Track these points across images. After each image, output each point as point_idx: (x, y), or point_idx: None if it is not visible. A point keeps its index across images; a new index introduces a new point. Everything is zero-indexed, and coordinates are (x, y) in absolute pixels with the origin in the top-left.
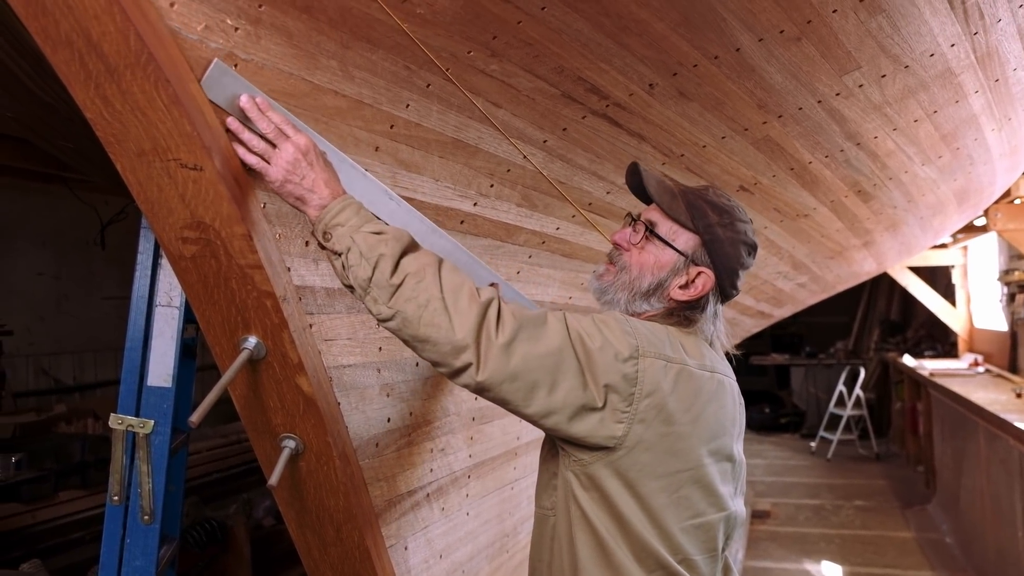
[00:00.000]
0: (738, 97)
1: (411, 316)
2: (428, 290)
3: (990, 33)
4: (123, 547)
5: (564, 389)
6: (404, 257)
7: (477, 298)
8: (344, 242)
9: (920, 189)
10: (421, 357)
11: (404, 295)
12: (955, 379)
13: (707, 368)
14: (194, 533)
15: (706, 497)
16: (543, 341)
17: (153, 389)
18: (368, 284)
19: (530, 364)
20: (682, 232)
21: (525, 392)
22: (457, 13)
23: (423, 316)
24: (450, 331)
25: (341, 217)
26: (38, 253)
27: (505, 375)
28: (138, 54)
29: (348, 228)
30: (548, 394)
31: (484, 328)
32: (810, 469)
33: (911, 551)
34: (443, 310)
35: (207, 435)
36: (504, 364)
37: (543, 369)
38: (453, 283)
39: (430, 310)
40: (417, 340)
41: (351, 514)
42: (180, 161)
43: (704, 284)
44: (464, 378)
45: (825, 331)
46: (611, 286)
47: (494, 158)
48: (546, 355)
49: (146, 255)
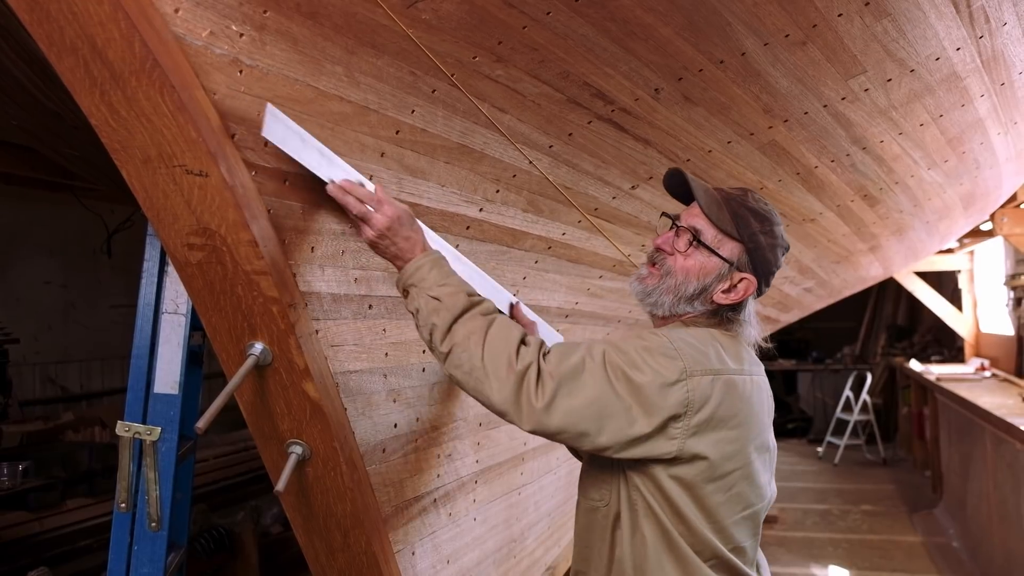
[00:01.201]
0: (743, 101)
1: (460, 380)
2: (471, 360)
3: (996, 37)
4: (131, 554)
5: (611, 430)
6: (455, 323)
7: (514, 365)
8: (414, 303)
9: (926, 193)
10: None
11: (452, 362)
12: (962, 384)
13: (747, 372)
14: (202, 540)
15: (754, 490)
16: (582, 393)
17: (160, 396)
18: (429, 345)
19: (572, 418)
20: (727, 241)
21: (574, 439)
22: (462, 19)
23: (468, 382)
24: (489, 398)
25: (415, 277)
26: (45, 262)
27: (550, 431)
28: (143, 60)
29: (419, 289)
30: (595, 437)
31: (523, 393)
32: (817, 474)
33: (918, 555)
34: (484, 378)
35: (214, 443)
36: (546, 423)
37: (586, 419)
38: (494, 350)
39: (473, 378)
40: (474, 395)
41: (358, 520)
42: (186, 167)
43: (746, 289)
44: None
45: (832, 336)
46: (655, 289)
47: (500, 163)
48: (587, 406)
49: (152, 262)
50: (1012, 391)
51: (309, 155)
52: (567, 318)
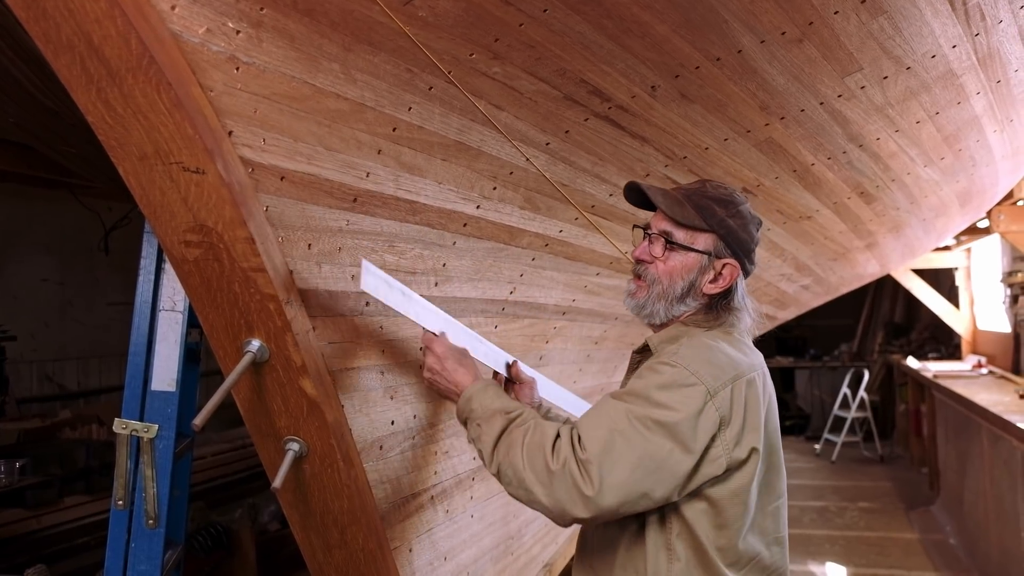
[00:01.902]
0: (740, 99)
1: (516, 496)
2: (516, 474)
3: (991, 34)
4: (128, 552)
5: (665, 481)
6: (498, 444)
7: (551, 466)
8: (471, 434)
9: (923, 191)
10: None
11: (504, 480)
12: (959, 381)
13: (757, 368)
14: (199, 538)
15: (780, 480)
16: (624, 461)
17: (157, 393)
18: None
19: (625, 490)
20: (699, 234)
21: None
22: (459, 16)
23: (522, 495)
24: (543, 504)
25: (467, 409)
26: (42, 259)
27: (613, 510)
28: (140, 57)
29: (471, 420)
30: (654, 494)
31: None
32: (815, 471)
33: (915, 552)
34: (531, 488)
35: (212, 440)
36: (604, 505)
37: (639, 483)
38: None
39: (523, 489)
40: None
41: (355, 517)
42: (182, 164)
43: (731, 273)
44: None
45: (829, 334)
46: (647, 301)
47: (497, 161)
48: (633, 471)
49: (149, 260)
50: (1009, 388)
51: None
52: (564, 315)
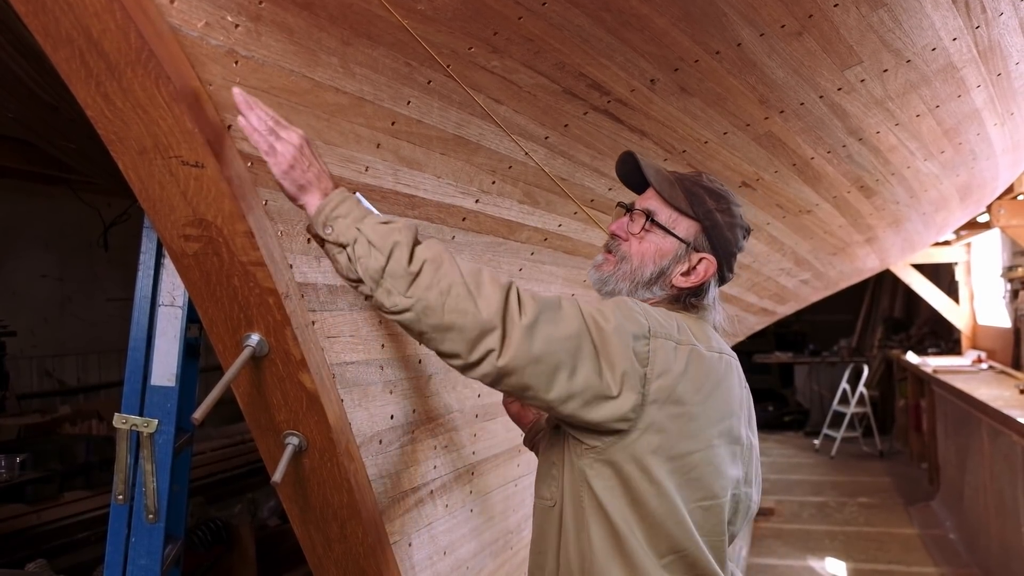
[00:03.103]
0: (740, 92)
1: (433, 303)
2: (449, 276)
3: (992, 27)
4: (128, 546)
5: (583, 373)
6: (418, 246)
7: (498, 280)
8: (350, 233)
9: (923, 184)
10: (438, 348)
11: (423, 283)
12: (958, 376)
13: (715, 350)
14: (199, 533)
15: (717, 480)
16: (563, 324)
17: (157, 388)
18: (381, 274)
19: (552, 347)
20: (682, 220)
21: (548, 375)
22: (458, 9)
23: (447, 302)
24: (476, 314)
25: (342, 208)
26: (41, 255)
27: (529, 358)
28: (139, 51)
29: (351, 219)
30: (569, 377)
31: (508, 309)
32: (814, 467)
33: (915, 547)
34: (467, 295)
35: (211, 436)
36: (528, 346)
37: (564, 352)
38: (471, 268)
39: (453, 295)
40: (438, 329)
41: (355, 511)
42: (181, 158)
43: (706, 270)
44: (483, 367)
45: (828, 329)
46: (611, 276)
47: (496, 155)
48: (566, 338)
49: (149, 255)
50: (1009, 383)
51: None
52: None
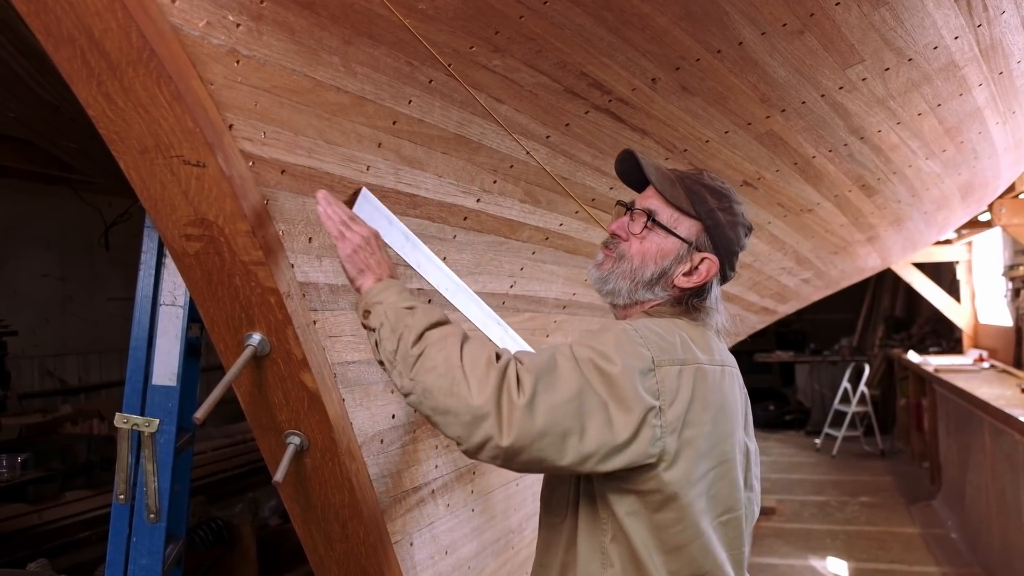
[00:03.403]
0: (741, 91)
1: (431, 386)
2: (448, 359)
3: (994, 25)
4: (129, 546)
5: (593, 431)
6: (430, 329)
7: (495, 363)
8: (379, 318)
9: (924, 183)
10: (444, 433)
11: (425, 365)
12: (960, 375)
13: (717, 362)
14: (200, 532)
15: (733, 493)
16: (562, 387)
17: (158, 388)
18: (394, 357)
19: (555, 415)
20: (684, 219)
21: (558, 445)
22: (459, 8)
23: (442, 385)
24: (468, 398)
25: (382, 296)
26: (42, 255)
27: (534, 434)
28: (140, 51)
29: (385, 306)
30: (580, 440)
31: (505, 391)
32: (815, 466)
33: (916, 547)
34: (462, 378)
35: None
36: (530, 423)
37: (569, 416)
38: (473, 351)
39: (448, 379)
40: (438, 412)
41: (357, 510)
42: (183, 158)
43: (708, 270)
44: (487, 452)
45: (829, 328)
46: (611, 275)
47: (497, 154)
48: (568, 401)
49: (150, 254)
50: (1010, 382)
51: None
52: (564, 309)
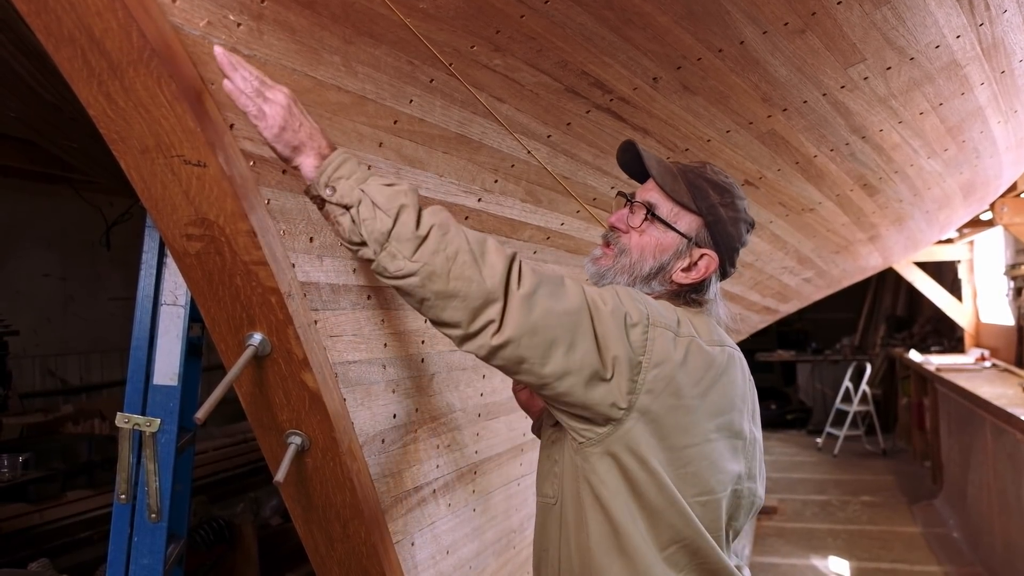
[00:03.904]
0: (742, 90)
1: (439, 269)
2: (455, 241)
3: (996, 24)
4: (131, 545)
5: (581, 350)
6: (424, 209)
7: (503, 250)
8: (353, 194)
9: (926, 182)
10: (438, 317)
11: (430, 247)
12: (961, 374)
13: (717, 343)
14: (201, 532)
15: (714, 475)
16: (563, 299)
17: (159, 388)
18: (387, 237)
19: (550, 319)
20: (684, 214)
21: (544, 349)
22: (460, 8)
23: (452, 268)
24: (481, 282)
25: (344, 168)
26: (43, 254)
27: (526, 328)
28: (141, 51)
29: (354, 180)
30: (566, 353)
31: (512, 279)
32: (816, 465)
33: (918, 546)
34: (473, 262)
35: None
36: (526, 316)
37: (562, 326)
38: (476, 236)
39: (459, 262)
40: (441, 296)
41: (358, 510)
42: (184, 158)
43: (708, 266)
44: (481, 338)
45: (831, 327)
46: (609, 270)
47: (498, 153)
48: (565, 312)
49: (151, 254)
50: (1012, 381)
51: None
52: None
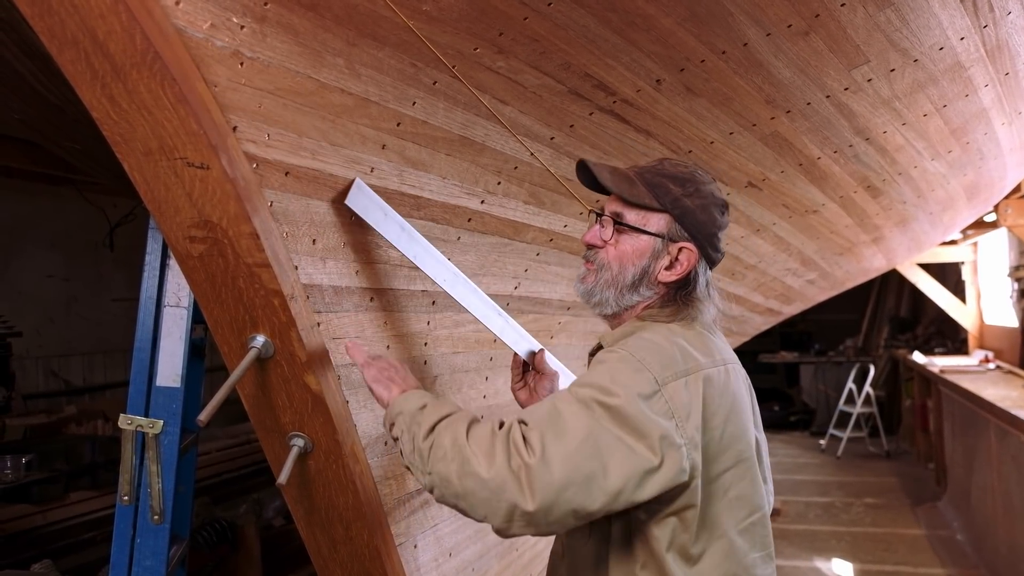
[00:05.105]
0: (746, 92)
1: (444, 473)
2: (455, 443)
3: (1000, 26)
4: (133, 547)
5: (616, 466)
6: (440, 422)
7: (498, 432)
8: (400, 426)
9: (929, 184)
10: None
11: (436, 455)
12: (965, 376)
13: (719, 362)
14: (204, 533)
15: (756, 490)
16: (571, 433)
17: (162, 389)
18: (412, 457)
19: (573, 462)
20: (651, 215)
21: (584, 490)
22: (463, 10)
23: (453, 469)
24: (480, 473)
25: (402, 405)
26: (47, 255)
27: (557, 487)
28: (144, 53)
29: (404, 413)
30: (604, 478)
31: (515, 456)
32: (820, 467)
33: (922, 548)
34: (470, 456)
35: (216, 436)
36: (550, 478)
37: (587, 459)
38: (477, 428)
39: (458, 461)
40: (460, 498)
41: (360, 512)
42: (187, 160)
43: (689, 258)
44: (518, 521)
45: (834, 328)
46: (595, 287)
47: (501, 155)
48: (582, 444)
49: (154, 256)
50: (1016, 383)
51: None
52: (569, 310)
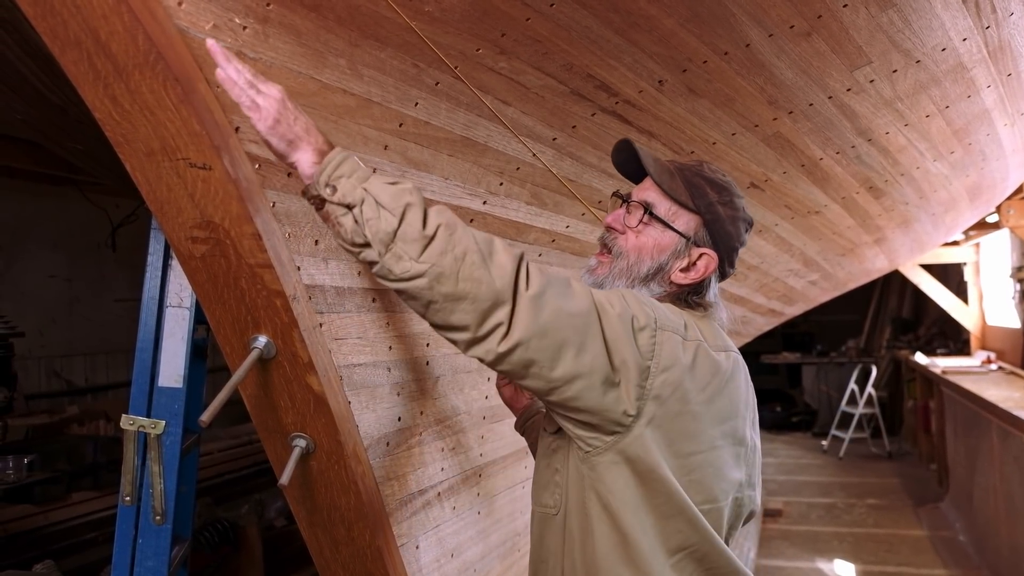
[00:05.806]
0: (748, 93)
1: (447, 270)
2: (463, 241)
3: (1002, 27)
4: (135, 548)
5: (591, 353)
6: (429, 208)
7: (511, 249)
8: (356, 193)
9: (932, 185)
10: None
11: (437, 247)
12: (967, 376)
13: (723, 348)
14: (206, 534)
15: (718, 483)
16: (572, 299)
17: (164, 390)
18: (392, 237)
19: (560, 321)
20: (682, 212)
21: (553, 351)
22: (466, 11)
23: (461, 269)
24: (491, 283)
25: (345, 167)
26: (49, 256)
27: (535, 330)
28: (146, 54)
29: (356, 178)
30: (576, 355)
31: (521, 280)
32: (822, 468)
33: (924, 549)
34: (481, 262)
35: (218, 436)
36: (535, 318)
37: (572, 328)
38: (484, 235)
39: (468, 262)
40: (450, 298)
41: (362, 513)
42: (189, 160)
43: (707, 266)
44: (489, 342)
45: (836, 329)
46: (607, 278)
47: (503, 156)
48: (575, 314)
49: (156, 256)
50: (1018, 384)
51: None
52: None
